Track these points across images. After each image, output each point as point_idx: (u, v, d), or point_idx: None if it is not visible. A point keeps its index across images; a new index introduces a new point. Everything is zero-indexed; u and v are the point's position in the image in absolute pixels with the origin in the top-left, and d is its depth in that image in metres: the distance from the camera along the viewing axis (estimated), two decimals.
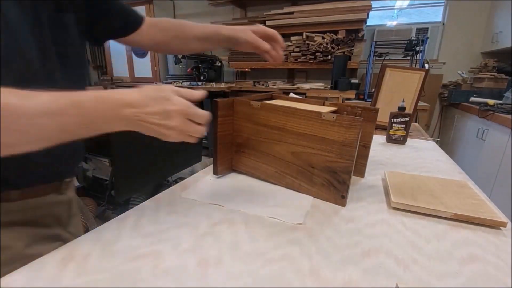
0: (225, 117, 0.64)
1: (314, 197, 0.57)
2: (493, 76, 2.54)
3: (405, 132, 0.97)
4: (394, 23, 3.11)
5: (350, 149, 0.50)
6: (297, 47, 2.93)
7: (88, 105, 0.34)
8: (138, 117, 0.36)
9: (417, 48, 2.42)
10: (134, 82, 4.15)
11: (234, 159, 0.68)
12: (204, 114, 0.39)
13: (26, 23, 0.41)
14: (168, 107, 0.36)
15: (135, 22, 0.63)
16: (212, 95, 2.00)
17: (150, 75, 4.17)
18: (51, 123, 0.32)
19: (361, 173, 0.68)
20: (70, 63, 0.49)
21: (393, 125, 0.97)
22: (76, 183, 2.15)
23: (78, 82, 0.52)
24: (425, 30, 2.92)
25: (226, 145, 0.66)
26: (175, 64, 3.48)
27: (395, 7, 3.11)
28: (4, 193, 0.44)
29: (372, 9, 2.71)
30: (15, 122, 0.30)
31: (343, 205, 0.53)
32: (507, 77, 2.45)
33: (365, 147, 0.66)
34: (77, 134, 0.35)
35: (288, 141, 0.58)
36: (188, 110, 0.38)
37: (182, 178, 1.93)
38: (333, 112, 0.55)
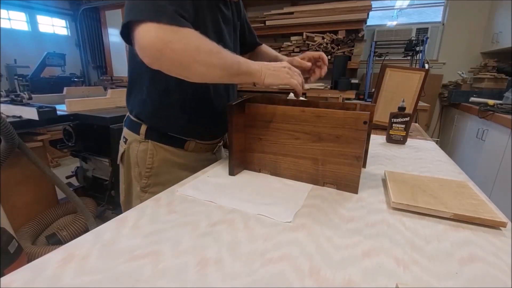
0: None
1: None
2: (493, 76, 2.54)
3: (405, 132, 0.97)
4: (394, 23, 3.11)
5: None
6: (297, 47, 2.93)
7: (245, 63, 0.60)
8: (265, 68, 0.61)
9: (417, 48, 2.43)
10: None
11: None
12: (298, 72, 0.65)
13: (230, 39, 0.76)
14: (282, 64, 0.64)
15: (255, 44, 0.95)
16: None
17: None
18: (231, 61, 0.57)
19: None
20: None
21: (393, 125, 0.97)
22: (77, 184, 2.15)
23: None
24: (425, 30, 2.92)
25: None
26: None
27: (395, 7, 3.11)
28: (187, 142, 0.75)
29: (372, 9, 2.70)
30: (219, 54, 0.55)
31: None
32: (507, 77, 2.45)
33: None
34: (236, 73, 0.58)
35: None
36: (291, 67, 0.64)
37: None
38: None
